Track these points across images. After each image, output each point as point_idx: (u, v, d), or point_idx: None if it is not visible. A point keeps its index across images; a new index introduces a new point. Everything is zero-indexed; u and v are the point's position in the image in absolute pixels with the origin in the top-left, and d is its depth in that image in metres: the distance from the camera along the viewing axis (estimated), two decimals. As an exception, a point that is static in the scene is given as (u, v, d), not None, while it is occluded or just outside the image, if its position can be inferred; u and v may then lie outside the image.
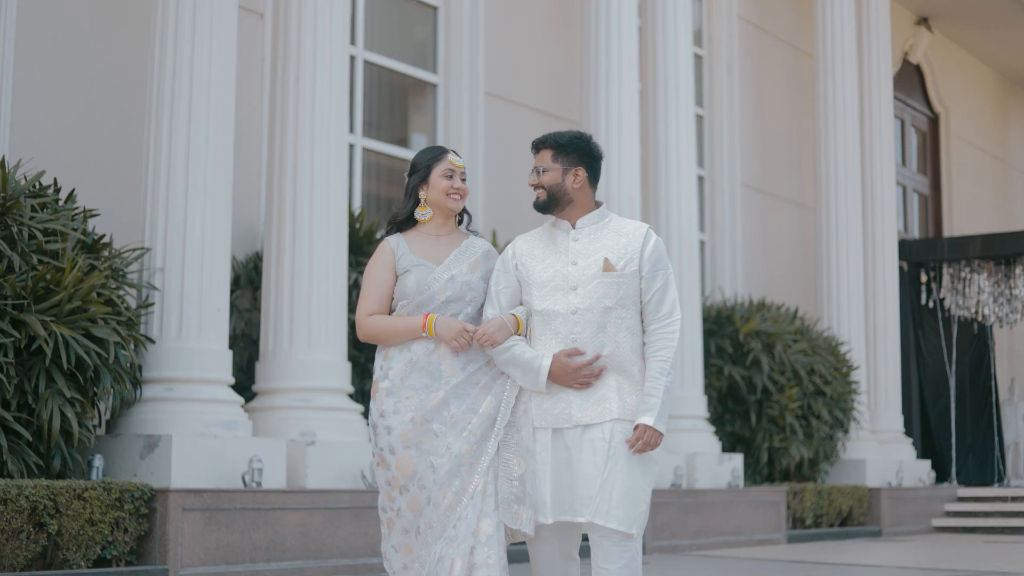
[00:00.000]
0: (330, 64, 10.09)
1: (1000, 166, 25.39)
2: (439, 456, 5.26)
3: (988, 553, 13.04)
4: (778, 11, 18.54)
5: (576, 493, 5.20)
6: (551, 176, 5.39)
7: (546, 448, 5.26)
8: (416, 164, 5.57)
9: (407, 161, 12.94)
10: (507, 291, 5.45)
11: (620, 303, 5.31)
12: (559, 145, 5.43)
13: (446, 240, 5.54)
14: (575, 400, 5.27)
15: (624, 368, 5.31)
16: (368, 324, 5.46)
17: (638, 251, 5.35)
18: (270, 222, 9.99)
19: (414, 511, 5.28)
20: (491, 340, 5.30)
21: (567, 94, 14.29)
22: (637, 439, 5.20)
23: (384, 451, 5.34)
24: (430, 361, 5.35)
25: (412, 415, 5.30)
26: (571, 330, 5.30)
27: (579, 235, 5.40)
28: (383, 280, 5.48)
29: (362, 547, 9.36)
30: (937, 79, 22.87)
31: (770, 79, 18.24)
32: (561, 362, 5.26)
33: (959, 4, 21.63)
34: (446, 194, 5.48)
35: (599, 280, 5.29)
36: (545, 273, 5.37)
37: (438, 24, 13.55)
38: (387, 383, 5.39)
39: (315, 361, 9.81)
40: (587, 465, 5.20)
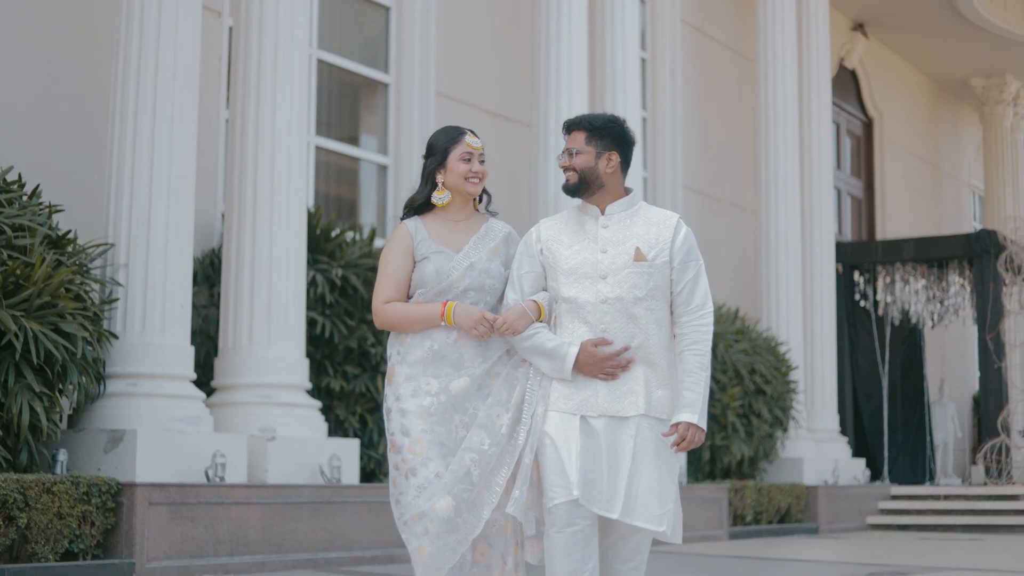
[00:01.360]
0: (291, 63, 10.18)
1: (932, 170, 25.78)
2: (476, 454, 5.10)
3: (925, 550, 13.31)
4: (720, 16, 18.78)
5: (607, 488, 5.05)
6: (584, 159, 5.22)
7: (574, 428, 5.07)
8: (433, 146, 5.40)
9: (358, 160, 13.08)
10: (530, 276, 5.29)
11: (650, 294, 5.15)
12: (593, 128, 5.25)
13: (464, 225, 5.39)
14: (602, 390, 5.11)
15: (653, 361, 5.16)
16: (385, 312, 5.30)
17: (669, 241, 5.21)
18: (230, 219, 10.07)
19: (442, 509, 5.03)
20: (512, 328, 5.16)
21: (517, 96, 14.44)
22: (681, 438, 5.06)
23: (396, 435, 5.18)
24: (452, 350, 5.21)
25: (432, 400, 5.16)
26: (600, 319, 5.14)
27: (609, 222, 5.24)
28: (400, 266, 5.31)
29: (321, 541, 9.48)
30: (872, 84, 23.21)
31: (712, 83, 18.47)
32: (588, 351, 5.10)
33: (894, 11, 21.96)
34: (464, 178, 5.33)
35: (630, 270, 5.14)
36: (573, 260, 5.21)
37: (390, 24, 13.66)
38: (405, 368, 5.23)
39: (275, 358, 9.90)
40: (617, 461, 5.07)
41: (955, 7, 21.31)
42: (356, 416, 10.86)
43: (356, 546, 9.74)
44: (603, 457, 5.07)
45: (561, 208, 13.12)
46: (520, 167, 14.26)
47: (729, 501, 14.64)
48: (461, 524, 5.05)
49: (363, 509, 9.83)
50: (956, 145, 26.89)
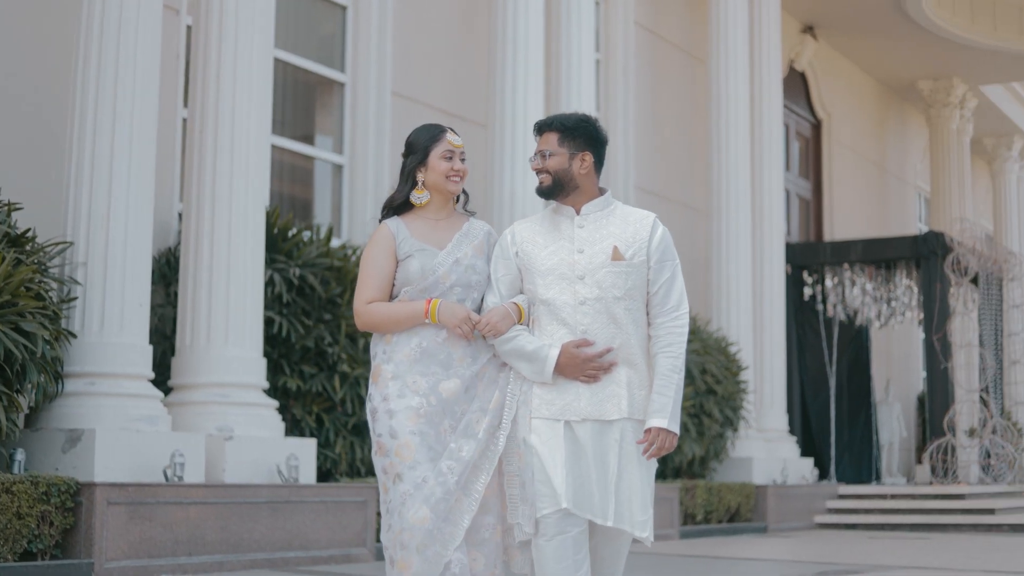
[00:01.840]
0: (251, 63, 10.18)
1: (879, 172, 25.99)
2: (453, 460, 4.99)
3: (874, 549, 13.43)
4: (673, 18, 18.87)
5: (596, 494, 4.98)
6: (557, 160, 5.14)
7: (558, 435, 5.00)
8: (413, 144, 5.30)
9: (313, 159, 13.08)
10: (507, 278, 5.21)
11: (628, 294, 5.08)
12: (565, 128, 5.17)
13: (446, 224, 5.30)
14: (584, 393, 5.03)
15: (633, 362, 5.08)
16: (367, 312, 5.17)
17: (646, 240, 5.14)
18: (188, 218, 10.06)
19: (419, 520, 4.93)
20: (495, 329, 5.07)
21: (473, 96, 14.47)
22: (651, 443, 4.99)
23: (383, 436, 5.05)
24: (441, 349, 5.11)
25: (421, 400, 5.04)
26: (580, 321, 5.06)
27: (584, 222, 5.16)
28: (383, 266, 5.19)
29: (279, 541, 9.49)
30: (821, 86, 23.37)
31: (664, 84, 18.56)
32: (570, 352, 5.02)
33: (843, 14, 22.11)
34: (446, 176, 5.24)
35: (607, 269, 5.07)
36: (549, 261, 5.13)
37: (347, 23, 13.66)
38: (392, 367, 5.11)
39: (232, 357, 9.90)
40: (603, 467, 4.99)
41: (904, 11, 21.48)
42: (312, 416, 10.88)
43: (313, 546, 9.76)
44: (590, 463, 5.00)
45: (517, 209, 13.19)
46: (476, 167, 14.25)
47: (680, 500, 14.73)
48: (439, 535, 4.95)
49: (320, 509, 9.85)
50: (903, 147, 27.12)
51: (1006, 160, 28.74)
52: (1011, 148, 28.66)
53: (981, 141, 28.53)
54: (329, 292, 10.95)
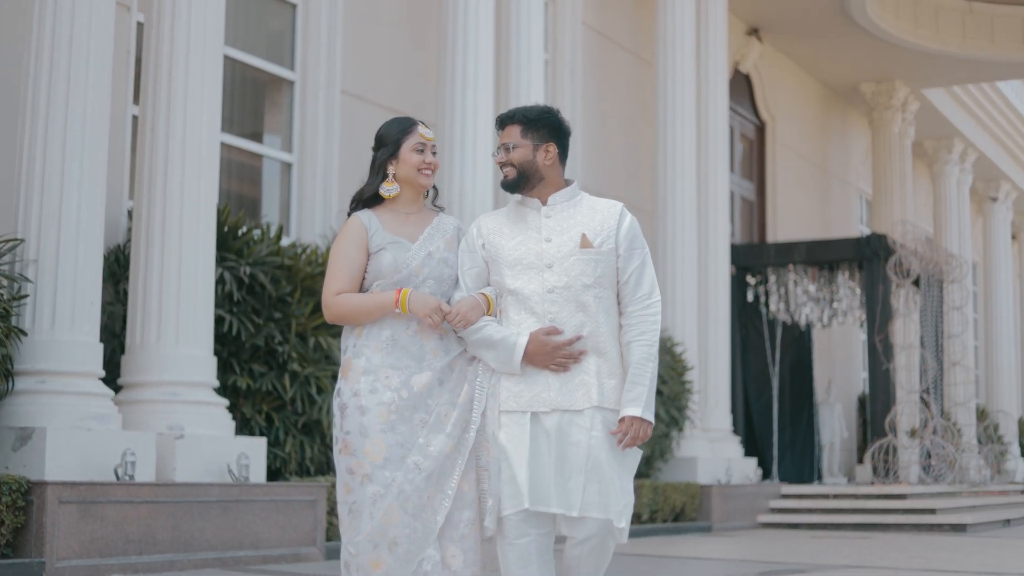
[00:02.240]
0: (203, 61, 10.14)
1: (821, 174, 26.17)
2: (421, 455, 4.91)
3: (819, 548, 13.53)
4: (620, 19, 18.93)
5: (562, 486, 4.90)
6: (521, 153, 5.11)
7: (524, 431, 4.94)
8: (384, 137, 5.23)
9: (261, 157, 13.05)
10: (473, 271, 5.16)
11: (598, 281, 5.04)
12: (528, 120, 5.16)
13: (417, 217, 5.24)
14: (553, 383, 4.97)
15: (603, 350, 5.03)
16: (336, 303, 5.08)
17: (614, 228, 5.11)
18: (139, 216, 10.01)
19: (387, 519, 4.87)
20: (465, 319, 5.00)
21: (423, 95, 14.47)
22: (624, 433, 4.93)
23: (352, 434, 4.94)
24: (412, 341, 5.03)
25: (393, 395, 4.95)
26: (548, 309, 5.02)
27: (551, 212, 5.13)
28: (353, 258, 5.12)
29: (230, 540, 9.46)
30: (765, 88, 23.51)
31: (611, 85, 18.62)
32: (539, 340, 4.97)
33: (789, 16, 22.25)
34: (417, 169, 5.17)
35: (576, 257, 5.04)
36: (517, 251, 5.10)
37: (296, 21, 13.63)
38: (363, 361, 5.02)
39: (183, 355, 9.87)
40: (571, 457, 4.91)
41: (848, 14, 21.65)
42: (262, 414, 10.85)
43: (264, 545, 9.74)
44: (558, 454, 4.93)
45: (467, 208, 13.21)
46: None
47: (627, 500, 14.76)
48: (411, 533, 4.88)
49: (271, 508, 9.83)
50: (845, 149, 27.32)
51: (946, 163, 29.00)
52: (951, 151, 28.93)
53: (922, 144, 28.79)
54: (279, 291, 10.93)
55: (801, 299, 20.94)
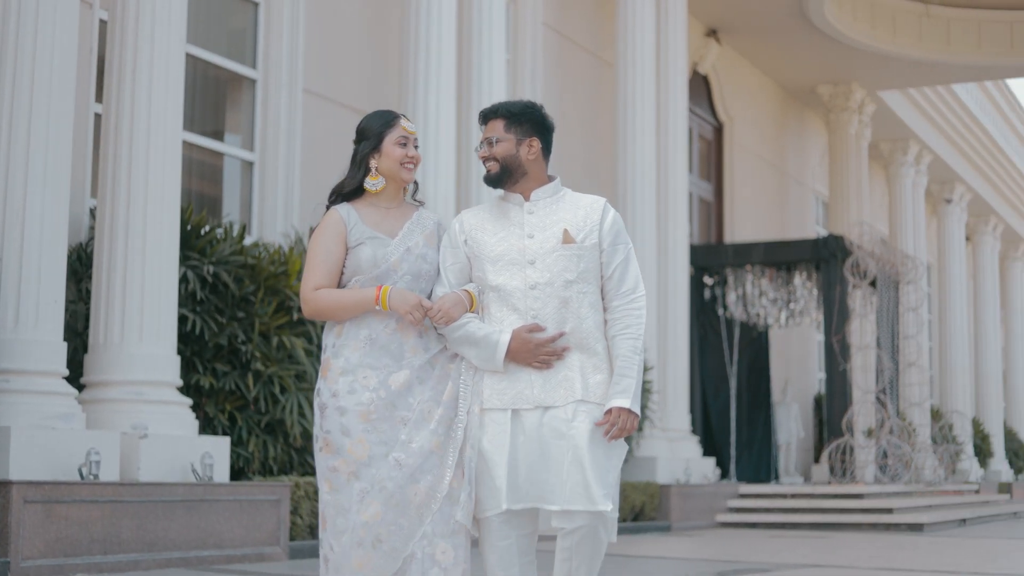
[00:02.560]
0: (167, 59, 10.10)
1: (778, 175, 26.31)
2: (403, 452, 4.86)
3: (778, 547, 13.60)
4: (580, 19, 18.98)
5: (542, 480, 4.86)
6: (504, 147, 5.07)
7: (504, 430, 4.91)
8: (366, 131, 5.17)
9: (222, 155, 13.01)
10: (455, 267, 5.11)
11: (581, 277, 5.00)
12: (512, 114, 5.11)
13: (397, 212, 5.18)
14: (536, 380, 4.94)
15: (587, 346, 4.99)
16: (315, 298, 5.01)
17: (597, 224, 5.07)
18: (103, 214, 9.97)
19: (371, 516, 4.83)
20: (447, 316, 4.94)
21: (385, 95, 14.46)
22: (612, 424, 4.88)
23: (333, 433, 4.89)
24: (392, 340, 4.97)
25: (371, 395, 4.90)
26: (530, 306, 4.98)
27: (534, 208, 5.09)
28: (332, 252, 5.06)
29: (194, 540, 9.44)
30: (723, 90, 23.61)
31: (571, 86, 18.66)
32: (521, 338, 4.94)
33: (747, 18, 22.36)
34: (400, 163, 5.12)
35: (559, 253, 5.00)
36: (499, 247, 5.05)
37: (258, 19, 13.60)
38: (341, 361, 4.97)
39: (147, 354, 9.84)
40: (551, 449, 4.87)
41: (806, 16, 21.77)
42: (225, 414, 10.82)
43: (228, 544, 9.72)
44: (537, 452, 4.89)
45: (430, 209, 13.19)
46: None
47: (587, 499, 14.80)
48: (396, 530, 4.84)
49: (235, 507, 9.81)
50: (802, 151, 27.47)
51: (902, 165, 29.19)
52: (907, 153, 29.12)
53: (878, 146, 28.97)
54: (243, 290, 10.91)
55: (759, 300, 21.04)
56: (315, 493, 10.74)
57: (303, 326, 11.16)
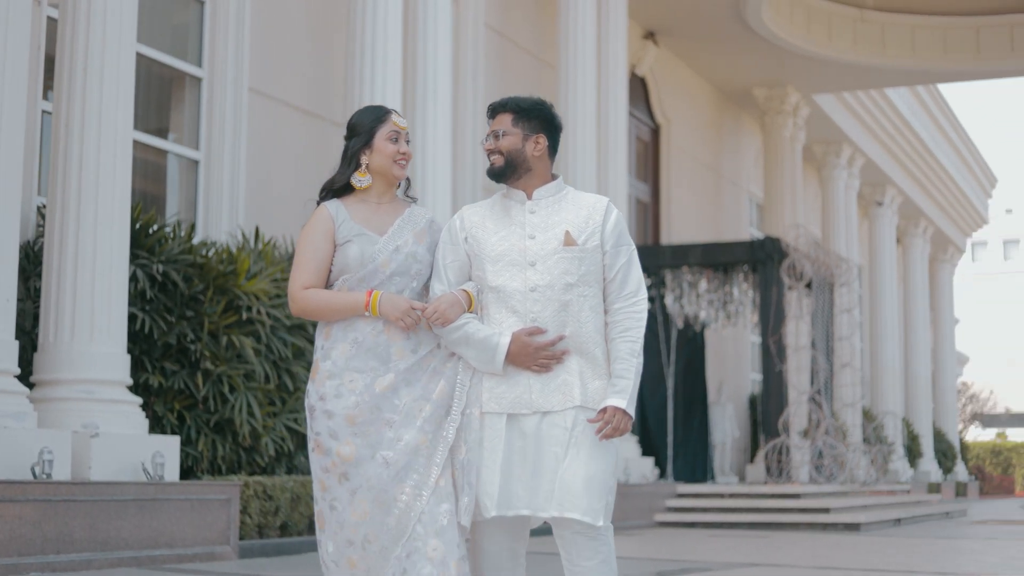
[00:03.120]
0: (118, 57, 10.08)
1: (714, 177, 26.50)
2: (391, 450, 4.82)
3: (719, 546, 13.71)
4: (521, 21, 19.05)
5: (536, 486, 4.81)
6: (510, 141, 5.01)
7: (499, 435, 4.86)
8: (357, 126, 5.11)
9: (167, 154, 12.97)
10: (455, 265, 5.04)
11: (582, 280, 4.94)
12: (521, 109, 5.06)
13: (388, 208, 5.11)
14: (535, 384, 4.88)
15: (586, 350, 4.94)
16: (303, 298, 4.97)
17: (599, 225, 5.00)
18: (53, 213, 9.92)
19: (360, 515, 4.82)
20: (443, 318, 4.88)
21: (331, 95, 14.47)
22: (606, 423, 4.83)
23: (322, 435, 4.88)
24: (378, 343, 4.91)
25: (356, 399, 4.86)
26: (530, 308, 4.92)
27: (536, 207, 5.02)
28: (321, 249, 5.00)
29: (146, 539, 9.42)
30: (661, 92, 23.76)
31: (512, 87, 18.69)
32: (521, 341, 4.87)
33: (685, 21, 22.52)
34: (392, 160, 5.06)
35: (560, 255, 4.93)
36: (499, 247, 4.99)
37: (204, 17, 13.56)
38: (328, 364, 4.93)
39: (97, 353, 9.80)
40: (548, 456, 4.83)
41: (744, 19, 21.95)
42: (174, 413, 10.80)
43: (179, 544, 9.70)
44: (533, 457, 4.85)
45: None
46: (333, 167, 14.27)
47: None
48: (384, 528, 4.81)
49: (185, 506, 9.80)
50: (737, 153, 27.69)
51: (835, 167, 29.48)
52: (839, 156, 29.42)
53: (811, 148, 29.25)
54: (192, 289, 10.89)
55: (696, 301, 21.19)
56: (264, 492, 10.76)
57: (252, 326, 11.16)
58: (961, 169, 37.59)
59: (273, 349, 11.38)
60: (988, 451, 60.07)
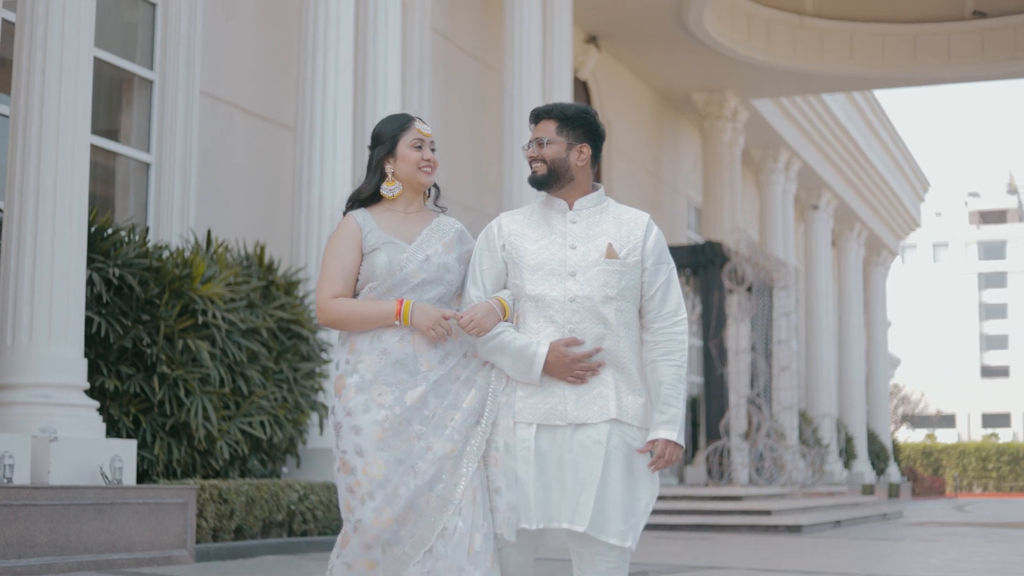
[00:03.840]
0: (77, 60, 10.08)
1: (653, 180, 26.68)
2: (420, 459, 4.72)
3: (667, 548, 13.82)
4: (466, 24, 19.12)
5: (568, 499, 4.71)
6: (554, 149, 4.89)
7: (529, 446, 4.75)
8: (380, 135, 5.02)
9: (117, 156, 12.95)
10: (491, 272, 4.93)
11: (621, 294, 4.82)
12: (566, 117, 4.94)
13: (416, 217, 5.00)
14: (570, 396, 4.77)
15: (622, 365, 4.82)
16: (331, 307, 4.87)
17: (640, 241, 4.88)
18: (10, 216, 9.91)
19: (380, 524, 4.70)
20: (479, 327, 4.77)
21: (283, 99, 14.49)
22: (659, 456, 4.76)
23: (348, 454, 4.76)
24: (405, 354, 4.81)
25: (386, 413, 4.75)
26: (569, 319, 4.81)
27: (577, 217, 4.90)
28: (348, 258, 4.90)
29: (105, 543, 9.43)
30: (603, 96, 23.91)
31: (456, 90, 18.79)
32: (559, 351, 4.75)
33: (627, 26, 22.68)
34: (417, 167, 4.95)
35: (601, 267, 4.81)
36: (539, 255, 4.86)
37: (156, 20, 13.54)
38: (356, 378, 4.81)
39: (55, 357, 9.80)
40: (583, 470, 4.71)
41: (685, 25, 22.13)
42: (130, 416, 10.80)
43: (137, 547, 9.71)
44: (568, 468, 4.74)
45: (326, 213, 13.29)
46: (284, 171, 14.35)
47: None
48: (407, 536, 4.72)
49: (143, 510, 9.81)
50: (676, 157, 27.88)
51: (772, 172, 29.76)
52: (777, 160, 29.70)
53: (749, 153, 29.53)
54: (148, 293, 10.89)
55: (638, 304, 21.31)
56: (219, 496, 10.79)
57: (207, 329, 11.17)
58: (895, 173, 38.05)
59: (228, 353, 11.40)
60: (919, 452, 60.77)
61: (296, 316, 12.39)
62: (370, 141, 5.07)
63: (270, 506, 11.36)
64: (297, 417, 12.24)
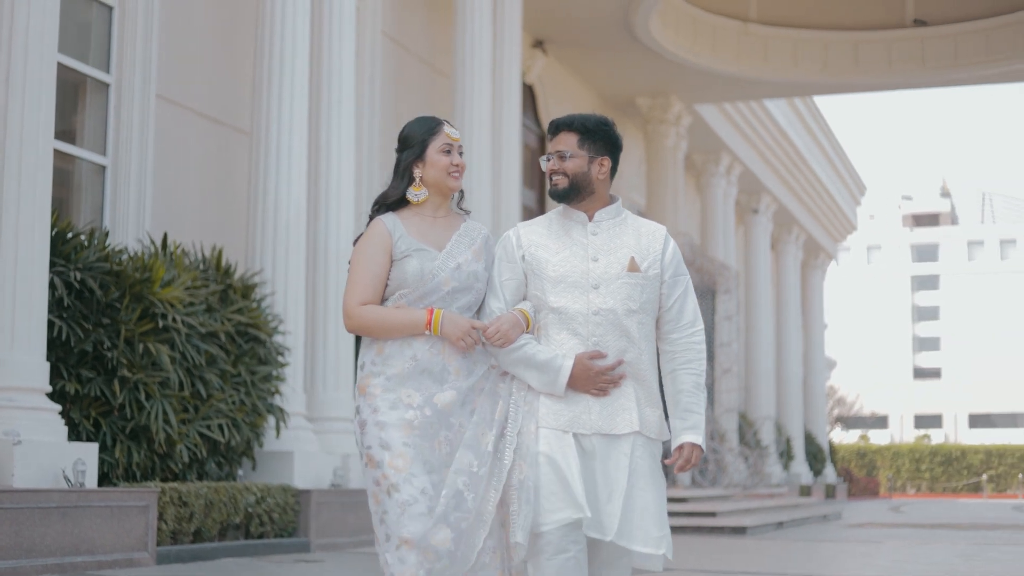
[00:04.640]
0: (40, 65, 10.13)
1: (598, 184, 26.81)
2: (466, 476, 4.72)
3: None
4: (416, 29, 19.21)
5: (608, 510, 4.76)
6: (576, 163, 4.94)
7: (569, 445, 4.76)
8: (409, 138, 5.02)
9: (74, 159, 12.97)
10: (511, 283, 4.94)
11: (643, 308, 4.89)
12: (587, 130, 4.98)
13: (444, 222, 5.00)
14: (594, 406, 4.82)
15: (643, 377, 4.89)
16: (360, 314, 4.83)
17: (659, 254, 4.95)
18: (-26, 220, 9.96)
19: (441, 542, 4.66)
20: (505, 338, 4.79)
21: (239, 103, 14.53)
22: (685, 460, 4.86)
23: (373, 448, 4.75)
24: (434, 362, 4.82)
25: (415, 413, 4.77)
26: (592, 332, 4.85)
27: (598, 229, 4.94)
28: (378, 264, 4.87)
29: (68, 546, 9.49)
30: (548, 100, 24.06)
31: (406, 95, 18.86)
32: (583, 364, 4.79)
33: (573, 30, 22.82)
34: (447, 172, 4.95)
35: (623, 280, 4.87)
36: (561, 267, 4.90)
37: (112, 23, 13.56)
38: (382, 380, 4.82)
39: (18, 361, 9.84)
40: (613, 481, 4.77)
41: (631, 30, 22.30)
42: (90, 420, 10.85)
43: (99, 550, 9.78)
44: (597, 477, 4.79)
45: (281, 219, 13.38)
46: (240, 175, 14.40)
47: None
48: (460, 557, 4.70)
49: (106, 513, 9.88)
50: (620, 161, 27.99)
51: (713, 176, 30.03)
52: (719, 164, 29.96)
53: (691, 157, 29.76)
54: (108, 296, 10.94)
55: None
56: (179, 499, 10.86)
57: (167, 333, 11.23)
58: (833, 178, 38.44)
59: (187, 357, 11.45)
60: (853, 453, 61.36)
61: (253, 320, 12.45)
62: (397, 144, 5.06)
63: (228, 509, 11.44)
64: (254, 420, 12.31)
